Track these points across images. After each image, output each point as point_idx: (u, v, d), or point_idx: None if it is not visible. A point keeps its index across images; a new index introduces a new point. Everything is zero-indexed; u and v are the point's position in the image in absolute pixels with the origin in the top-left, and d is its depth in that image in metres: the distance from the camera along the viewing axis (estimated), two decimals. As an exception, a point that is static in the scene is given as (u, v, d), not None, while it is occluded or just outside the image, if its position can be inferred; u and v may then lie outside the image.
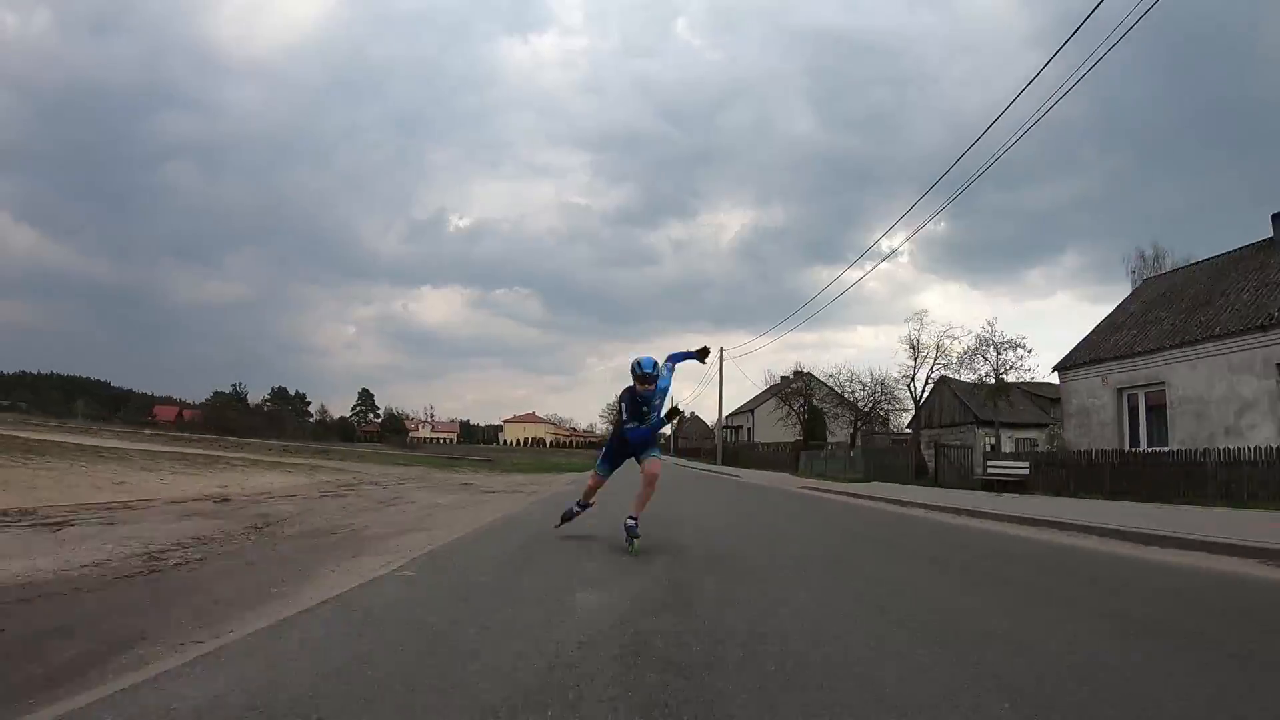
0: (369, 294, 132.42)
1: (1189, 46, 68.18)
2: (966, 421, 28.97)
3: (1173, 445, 14.04)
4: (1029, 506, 9.84)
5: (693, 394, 51.40)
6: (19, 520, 5.87)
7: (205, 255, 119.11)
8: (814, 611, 3.23)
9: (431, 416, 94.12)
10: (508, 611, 3.07)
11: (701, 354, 5.37)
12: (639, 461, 5.05)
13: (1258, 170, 58.87)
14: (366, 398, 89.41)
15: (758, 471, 29.17)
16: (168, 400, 77.02)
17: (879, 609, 3.34)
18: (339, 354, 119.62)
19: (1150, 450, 14.52)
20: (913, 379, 26.69)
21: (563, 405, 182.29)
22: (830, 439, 36.16)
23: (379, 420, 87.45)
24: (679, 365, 5.43)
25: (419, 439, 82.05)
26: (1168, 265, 27.03)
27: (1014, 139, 11.95)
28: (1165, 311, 16.30)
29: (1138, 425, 15.63)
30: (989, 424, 28.63)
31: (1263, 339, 13.13)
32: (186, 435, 34.10)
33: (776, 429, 41.72)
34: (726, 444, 45.63)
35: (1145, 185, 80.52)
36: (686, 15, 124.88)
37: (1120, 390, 15.98)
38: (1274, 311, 13.27)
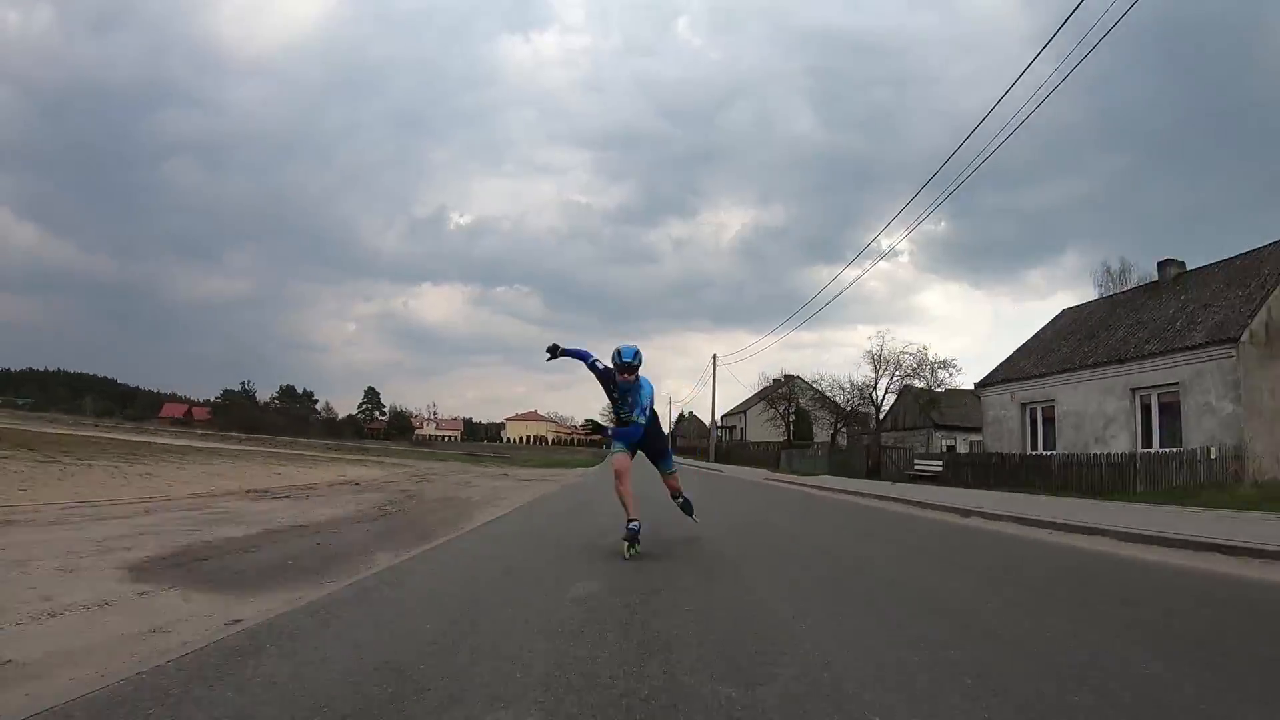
0: (370, 291, 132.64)
1: (1191, 48, 69.69)
2: (926, 426, 32.95)
3: (1059, 450, 17.97)
4: (899, 490, 13.59)
5: (691, 394, 55.29)
6: (267, 496, 9.78)
7: (206, 252, 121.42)
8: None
9: (435, 414, 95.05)
10: (578, 524, 7.04)
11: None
12: (661, 474, 5.81)
13: (1261, 171, 61.21)
14: (373, 396, 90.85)
15: (743, 468, 33.07)
16: (173, 397, 78.68)
17: (739, 514, 7.34)
18: (339, 351, 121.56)
19: (1030, 454, 18.51)
20: (874, 388, 30.77)
21: (562, 403, 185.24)
22: (816, 439, 39.89)
23: (384, 418, 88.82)
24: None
25: (424, 436, 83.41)
26: (1133, 280, 29.96)
27: (1004, 132, 13.82)
28: (1064, 341, 20.26)
29: (1037, 433, 19.58)
30: (945, 428, 32.76)
31: (1122, 369, 17.10)
32: (236, 434, 38.16)
33: (766, 429, 45.65)
34: (721, 443, 49.55)
35: (1146, 187, 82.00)
36: (688, 14, 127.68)
37: (1024, 405, 19.94)
38: (1130, 349, 17.24)
